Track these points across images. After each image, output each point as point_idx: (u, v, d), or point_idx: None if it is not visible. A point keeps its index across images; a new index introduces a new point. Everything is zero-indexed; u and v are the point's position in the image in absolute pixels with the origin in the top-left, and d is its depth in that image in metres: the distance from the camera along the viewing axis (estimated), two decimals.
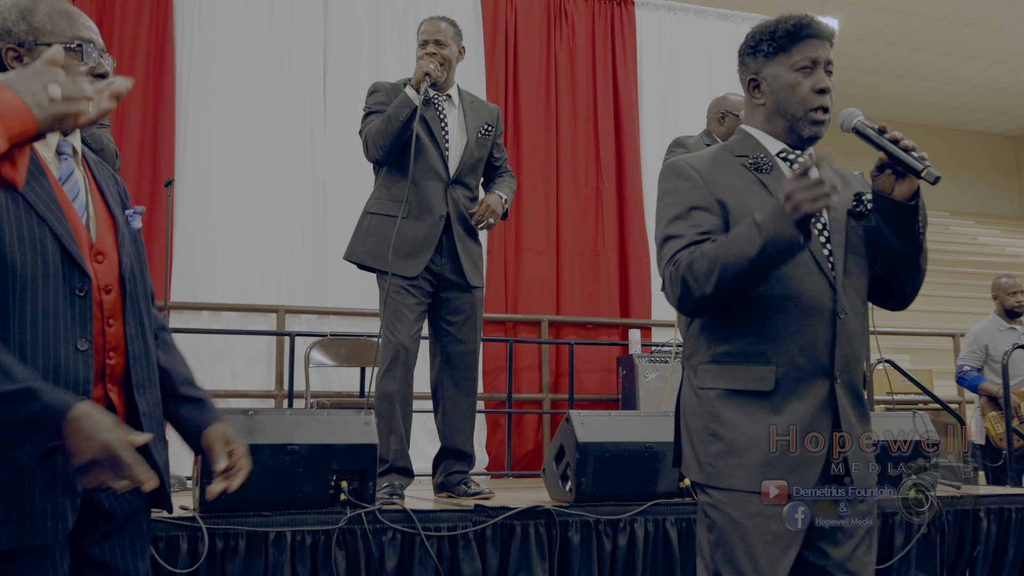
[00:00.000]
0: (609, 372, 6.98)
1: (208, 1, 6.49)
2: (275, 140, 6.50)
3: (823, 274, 2.09)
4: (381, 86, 4.15)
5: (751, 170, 2.15)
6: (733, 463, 2.02)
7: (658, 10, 7.77)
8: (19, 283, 1.74)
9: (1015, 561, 4.24)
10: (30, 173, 1.79)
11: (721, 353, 2.09)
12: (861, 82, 15.44)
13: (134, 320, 1.90)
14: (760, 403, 2.04)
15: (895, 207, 2.07)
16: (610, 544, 3.63)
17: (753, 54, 2.21)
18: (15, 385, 1.58)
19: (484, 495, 3.88)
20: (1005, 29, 13.58)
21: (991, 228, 17.59)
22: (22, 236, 1.75)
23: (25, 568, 1.71)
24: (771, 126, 2.20)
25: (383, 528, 3.36)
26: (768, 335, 2.05)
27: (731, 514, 2.02)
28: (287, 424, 3.34)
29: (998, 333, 6.32)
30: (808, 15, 2.17)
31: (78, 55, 1.89)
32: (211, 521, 3.15)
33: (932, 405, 6.49)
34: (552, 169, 7.14)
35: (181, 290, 6.11)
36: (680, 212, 2.11)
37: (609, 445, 3.70)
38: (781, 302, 2.06)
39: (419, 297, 3.94)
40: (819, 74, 2.13)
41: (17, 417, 1.59)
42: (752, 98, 2.22)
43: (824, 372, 2.07)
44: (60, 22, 1.89)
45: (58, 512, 1.72)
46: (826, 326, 2.08)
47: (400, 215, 3.89)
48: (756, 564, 1.98)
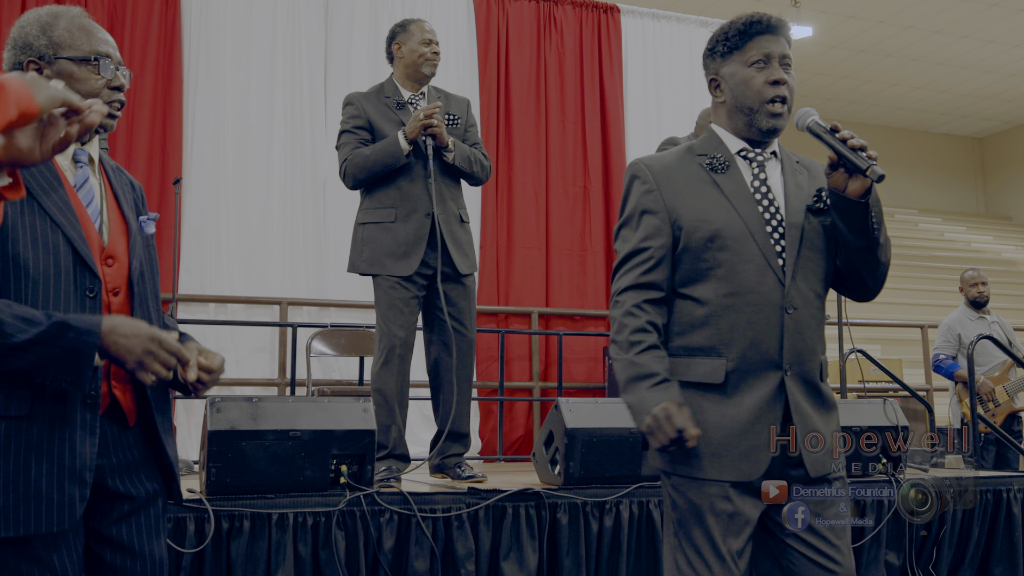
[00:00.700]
0: (596, 361, 6.99)
1: (214, 9, 6.46)
2: (278, 140, 6.48)
3: (772, 270, 2.07)
4: (354, 98, 4.11)
5: (707, 170, 2.14)
6: (689, 452, 2.01)
7: (642, 17, 7.76)
8: (31, 284, 1.73)
9: (979, 540, 4.26)
10: (46, 180, 1.80)
11: (677, 347, 2.10)
12: (835, 86, 15.46)
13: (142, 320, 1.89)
14: (711, 395, 2.05)
15: (848, 204, 2.05)
16: (597, 525, 3.63)
17: (712, 56, 2.21)
18: (43, 325, 1.65)
19: (477, 478, 3.88)
20: (970, 37, 13.62)
21: (957, 225, 17.65)
22: (35, 239, 1.75)
23: (39, 551, 1.71)
24: (732, 123, 2.19)
25: (381, 510, 3.35)
26: (719, 330, 2.05)
27: (690, 496, 2.04)
28: (289, 411, 3.34)
29: (968, 322, 6.49)
30: (760, 13, 2.15)
31: (95, 68, 1.89)
32: (217, 503, 3.14)
33: (902, 393, 6.51)
34: (542, 169, 7.13)
35: (189, 283, 6.10)
36: (631, 215, 2.17)
37: (596, 431, 3.70)
38: (731, 298, 2.05)
39: (413, 291, 3.92)
40: (773, 67, 2.11)
41: (61, 349, 1.66)
42: (715, 97, 2.22)
43: (774, 365, 2.06)
44: (79, 36, 1.90)
45: (65, 502, 1.72)
46: (775, 320, 2.06)
47: (388, 220, 3.90)
48: (712, 542, 2.00)
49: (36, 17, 1.91)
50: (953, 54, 14.27)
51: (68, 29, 1.89)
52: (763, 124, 2.12)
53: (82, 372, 1.68)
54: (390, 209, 3.93)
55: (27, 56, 1.87)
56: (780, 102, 2.11)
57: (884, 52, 14.20)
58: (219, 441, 3.18)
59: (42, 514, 1.70)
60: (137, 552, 1.86)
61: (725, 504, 2.01)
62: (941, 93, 16.20)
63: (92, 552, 1.83)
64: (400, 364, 3.88)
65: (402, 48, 4.09)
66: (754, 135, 2.16)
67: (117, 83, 1.92)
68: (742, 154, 2.17)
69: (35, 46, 1.87)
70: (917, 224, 17.13)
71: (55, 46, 1.87)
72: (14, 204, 1.74)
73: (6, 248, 1.72)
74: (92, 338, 1.67)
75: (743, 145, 2.17)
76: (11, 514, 1.67)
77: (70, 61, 1.87)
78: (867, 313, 11.00)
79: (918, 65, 14.78)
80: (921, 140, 18.45)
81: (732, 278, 2.06)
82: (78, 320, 1.68)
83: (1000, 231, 17.99)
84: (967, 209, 19.02)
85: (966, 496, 2.25)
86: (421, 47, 4.05)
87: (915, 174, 18.18)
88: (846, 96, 16.11)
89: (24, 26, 1.90)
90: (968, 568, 4.23)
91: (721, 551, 2.00)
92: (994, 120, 17.98)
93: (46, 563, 1.71)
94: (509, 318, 6.86)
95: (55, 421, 1.73)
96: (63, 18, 1.91)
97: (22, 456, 1.69)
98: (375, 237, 3.94)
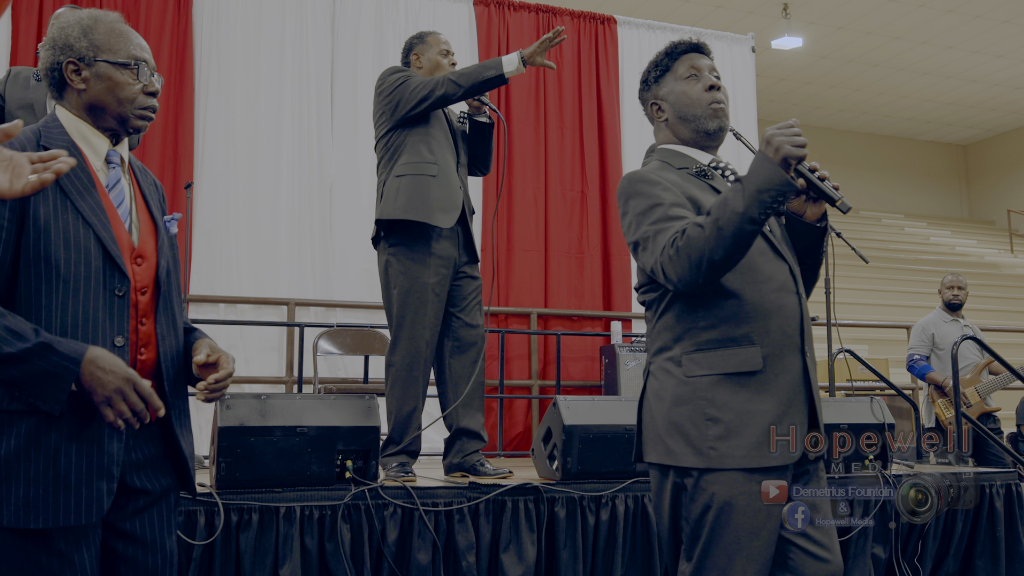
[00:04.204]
0: (593, 360, 6.98)
1: (224, 19, 6.46)
2: (286, 146, 6.48)
3: (782, 259, 2.11)
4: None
5: (698, 177, 2.16)
6: (734, 443, 1.96)
7: (638, 28, 7.76)
8: (62, 283, 1.73)
9: (963, 534, 4.26)
10: (80, 181, 1.80)
11: (706, 340, 2.03)
12: (824, 95, 15.46)
13: (166, 318, 1.90)
14: (749, 382, 2.00)
15: (805, 227, 2.15)
16: (593, 518, 3.63)
17: (646, 87, 2.29)
18: (30, 342, 1.63)
19: (503, 474, 3.77)
20: (955, 48, 13.63)
21: (942, 229, 17.66)
22: (67, 240, 1.75)
23: (60, 544, 1.71)
24: (680, 135, 2.22)
25: (385, 504, 3.35)
26: (748, 318, 2.02)
27: (719, 493, 1.96)
28: (297, 408, 3.34)
29: (943, 324, 6.55)
30: (680, 38, 2.27)
31: (134, 73, 1.88)
32: (226, 497, 3.14)
33: (888, 391, 6.52)
34: (541, 174, 7.13)
35: (199, 284, 6.09)
36: (660, 209, 2.04)
37: (593, 428, 3.70)
38: (754, 287, 2.04)
39: (441, 296, 3.82)
40: (705, 77, 2.19)
41: (39, 369, 1.63)
42: (657, 119, 2.27)
43: (796, 348, 2.06)
44: (117, 41, 1.89)
45: (93, 496, 1.72)
46: (794, 305, 2.08)
47: (431, 174, 3.78)
48: (739, 538, 1.95)
49: (77, 19, 1.89)
50: (938, 64, 14.29)
51: (108, 33, 1.89)
52: (710, 125, 2.18)
53: (56, 395, 1.65)
54: (432, 164, 3.81)
55: (67, 57, 1.86)
56: (719, 103, 2.18)
57: (872, 62, 14.21)
58: (229, 437, 3.18)
59: (71, 507, 1.69)
60: (149, 544, 1.86)
61: (761, 494, 1.95)
62: (927, 102, 16.21)
63: (105, 544, 1.82)
64: (426, 369, 3.80)
65: (420, 58, 4.06)
66: (702, 139, 2.20)
67: (152, 88, 1.91)
68: (713, 166, 2.20)
69: (76, 47, 1.86)
70: (903, 228, 17.14)
71: (95, 49, 1.86)
72: (48, 205, 1.74)
73: (39, 248, 1.72)
74: (73, 365, 1.64)
75: (712, 157, 2.21)
76: (40, 506, 1.67)
77: (109, 65, 1.86)
78: (855, 314, 11.02)
79: (904, 75, 14.79)
80: (907, 147, 18.45)
81: (754, 268, 2.05)
82: (63, 345, 1.65)
83: (983, 235, 18.00)
84: (952, 214, 19.03)
85: (966, 496, 2.23)
86: (439, 57, 4.03)
87: (901, 180, 18.19)
88: (835, 104, 16.12)
89: (65, 27, 1.88)
90: (952, 560, 4.23)
91: (764, 542, 1.96)
92: (978, 128, 17.99)
93: (66, 557, 1.70)
94: (509, 318, 6.86)
95: (84, 417, 1.72)
96: (102, 22, 1.90)
97: (51, 450, 1.69)
98: (414, 186, 3.77)
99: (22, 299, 1.72)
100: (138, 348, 1.84)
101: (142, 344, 1.84)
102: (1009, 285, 15.31)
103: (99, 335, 1.75)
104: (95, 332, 1.75)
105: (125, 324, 1.79)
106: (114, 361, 1.68)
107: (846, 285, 11.32)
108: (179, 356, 1.94)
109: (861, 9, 12.36)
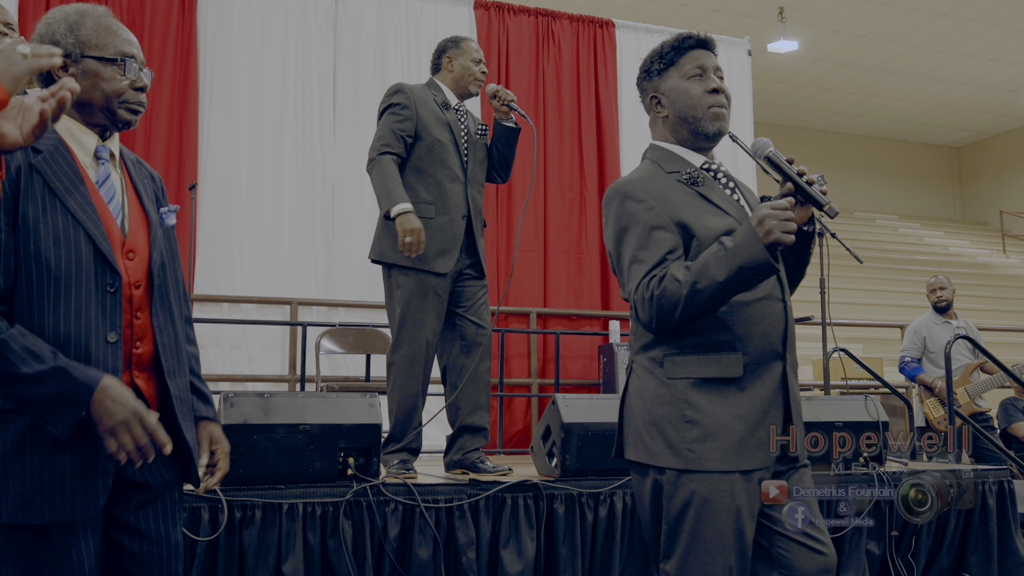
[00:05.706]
0: (591, 359, 6.98)
1: (228, 22, 6.46)
2: (289, 147, 6.47)
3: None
4: (403, 87, 3.94)
5: (688, 185, 2.12)
6: (712, 446, 1.96)
7: (636, 32, 7.76)
8: (54, 281, 1.72)
9: (956, 530, 4.26)
10: (69, 180, 1.78)
11: (689, 344, 2.02)
12: (819, 98, 15.46)
13: (162, 311, 1.88)
14: (729, 388, 2.00)
15: (795, 232, 2.10)
16: (592, 515, 3.63)
17: (648, 76, 2.23)
18: (46, 365, 1.62)
19: (503, 471, 3.78)
20: (948, 51, 13.64)
21: (935, 230, 17.68)
22: (58, 238, 1.73)
23: (58, 539, 1.70)
24: (677, 133, 2.19)
25: (386, 500, 3.35)
26: (732, 324, 2.02)
27: (698, 491, 1.96)
28: (299, 406, 3.34)
29: (934, 326, 6.60)
30: (689, 32, 2.20)
31: (121, 69, 1.85)
32: (230, 494, 3.14)
33: (882, 390, 6.52)
34: (540, 175, 7.13)
35: (203, 283, 6.09)
36: (641, 235, 2.03)
37: (591, 425, 3.70)
38: (743, 295, 2.02)
39: (443, 297, 3.82)
40: (709, 78, 2.15)
41: (51, 392, 1.63)
42: (656, 113, 2.23)
43: (777, 355, 2.06)
44: (105, 36, 1.85)
45: (88, 491, 1.72)
46: (779, 313, 2.08)
47: (428, 216, 3.76)
48: (721, 536, 1.95)
49: (63, 15, 1.86)
50: (931, 67, 14.29)
51: (95, 28, 1.85)
52: (709, 128, 2.14)
53: (66, 420, 1.64)
54: (429, 205, 3.80)
55: None
56: (720, 107, 2.14)
57: (866, 65, 14.22)
58: (232, 435, 3.15)
59: (67, 503, 1.69)
60: (154, 538, 1.84)
61: (736, 498, 1.96)
62: (920, 104, 16.22)
63: (110, 538, 1.81)
64: (427, 370, 3.80)
65: (453, 62, 4.01)
66: (699, 141, 2.17)
67: (140, 84, 1.88)
68: (705, 167, 2.17)
69: (62, 44, 1.82)
70: (897, 229, 17.14)
71: (82, 45, 1.83)
72: (37, 204, 1.72)
73: (29, 247, 1.71)
74: (86, 392, 1.64)
75: (704, 159, 2.18)
76: (37, 502, 1.67)
77: (96, 60, 1.83)
78: (849, 314, 11.02)
79: (898, 78, 14.80)
80: (901, 149, 18.46)
81: None
82: (78, 371, 1.65)
83: (976, 236, 18.01)
84: (945, 215, 19.04)
85: (966, 496, 2.22)
86: (471, 64, 4.00)
87: (895, 181, 18.20)
88: (830, 107, 16.12)
89: (51, 23, 1.85)
90: (945, 556, 4.23)
91: (743, 541, 1.97)
92: (970, 130, 18.00)
93: (65, 552, 1.69)
94: (508, 318, 6.86)
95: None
96: (90, 17, 1.86)
97: (47, 447, 1.68)
98: None
99: (16, 298, 1.70)
100: (133, 342, 1.82)
101: (137, 338, 1.82)
102: (1001, 285, 15.33)
103: (92, 332, 1.73)
104: (88, 329, 1.73)
105: (118, 320, 1.78)
106: (123, 393, 1.68)
107: (841, 285, 11.30)
108: (179, 348, 1.92)
109: (856, 13, 12.36)
